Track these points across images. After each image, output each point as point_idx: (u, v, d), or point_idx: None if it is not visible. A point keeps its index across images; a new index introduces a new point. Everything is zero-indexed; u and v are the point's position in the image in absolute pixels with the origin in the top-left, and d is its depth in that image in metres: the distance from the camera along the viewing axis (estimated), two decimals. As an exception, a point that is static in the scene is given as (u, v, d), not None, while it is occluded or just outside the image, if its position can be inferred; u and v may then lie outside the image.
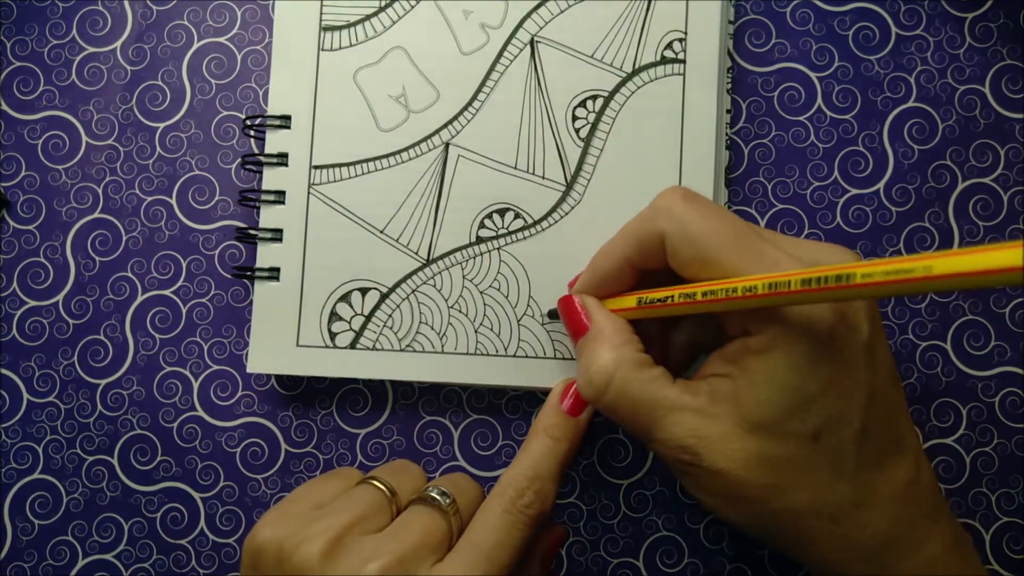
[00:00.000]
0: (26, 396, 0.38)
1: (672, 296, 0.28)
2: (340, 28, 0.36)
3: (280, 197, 0.36)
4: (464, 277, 0.36)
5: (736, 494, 0.27)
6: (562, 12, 0.36)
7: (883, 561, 0.27)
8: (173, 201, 0.38)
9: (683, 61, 0.36)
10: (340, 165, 0.36)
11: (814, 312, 0.26)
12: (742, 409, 0.27)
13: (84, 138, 0.38)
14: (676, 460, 0.28)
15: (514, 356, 0.35)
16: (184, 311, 0.38)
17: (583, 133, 0.36)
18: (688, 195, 0.29)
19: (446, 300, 0.36)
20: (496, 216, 0.36)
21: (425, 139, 0.36)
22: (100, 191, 0.38)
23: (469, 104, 0.36)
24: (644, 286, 0.31)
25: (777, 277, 0.25)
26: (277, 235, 0.36)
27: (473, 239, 0.36)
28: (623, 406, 0.29)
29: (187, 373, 0.38)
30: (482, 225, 0.36)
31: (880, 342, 0.28)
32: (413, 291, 0.36)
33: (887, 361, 0.28)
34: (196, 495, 0.37)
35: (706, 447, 0.27)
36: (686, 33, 0.36)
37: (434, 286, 0.36)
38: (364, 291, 0.36)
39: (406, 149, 0.36)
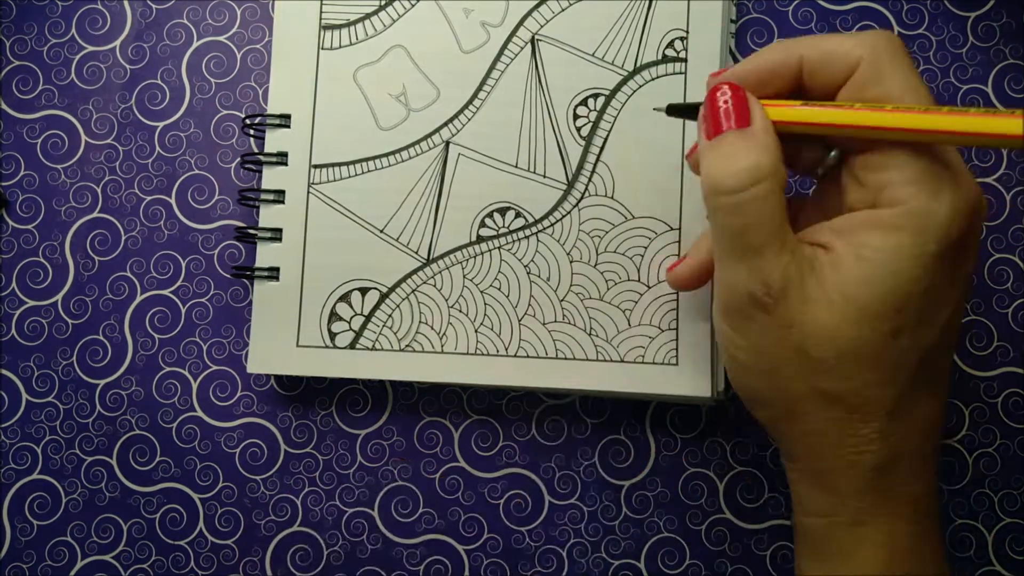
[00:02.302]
0: (25, 396, 0.38)
1: (853, 104, 0.26)
2: (340, 27, 0.36)
3: (280, 196, 0.36)
4: (464, 276, 0.36)
5: (784, 360, 0.26)
6: (563, 10, 0.36)
7: (881, 480, 0.27)
8: (172, 200, 0.38)
9: (684, 60, 0.35)
10: (340, 164, 0.36)
11: (957, 216, 0.25)
12: (840, 283, 0.25)
13: (83, 137, 0.38)
14: (749, 296, 0.26)
15: (515, 356, 0.35)
16: (183, 311, 0.38)
17: (584, 132, 0.36)
18: (904, 47, 0.26)
19: (446, 300, 0.36)
20: (497, 215, 0.36)
21: (425, 138, 0.36)
22: (99, 190, 0.38)
23: (469, 103, 0.36)
24: None
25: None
26: (276, 235, 0.36)
27: (473, 238, 0.36)
28: (750, 214, 0.26)
29: (186, 373, 0.38)
30: (483, 224, 0.36)
31: (971, 280, 0.28)
32: (413, 291, 0.36)
33: (966, 300, 0.28)
34: (195, 496, 0.37)
35: (789, 299, 0.25)
36: (687, 32, 0.36)
37: (434, 286, 0.36)
38: (364, 291, 0.36)
39: (406, 148, 0.36)
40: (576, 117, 0.36)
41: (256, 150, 0.38)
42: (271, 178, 0.36)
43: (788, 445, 0.28)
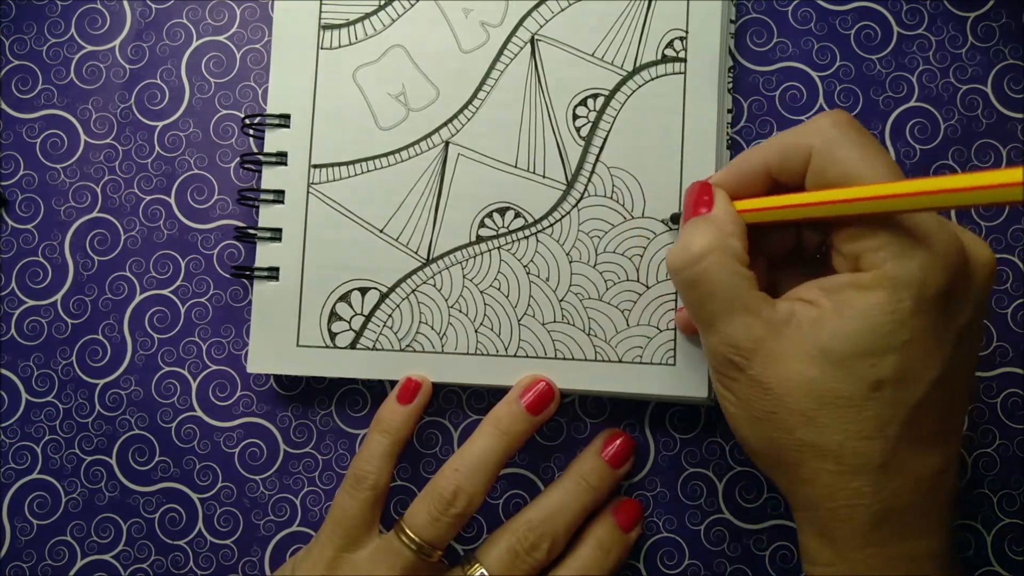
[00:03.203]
0: (25, 396, 0.38)
1: (809, 191, 0.28)
2: (339, 26, 0.36)
3: (279, 196, 0.36)
4: (464, 276, 0.36)
5: (767, 412, 0.27)
6: (562, 10, 0.36)
7: (877, 533, 0.27)
8: (172, 200, 0.38)
9: (684, 60, 0.35)
10: (339, 164, 0.36)
11: (931, 273, 0.26)
12: (818, 336, 0.26)
13: (83, 137, 0.38)
14: (724, 359, 0.28)
15: (514, 356, 0.35)
16: (183, 311, 0.38)
17: (584, 132, 0.36)
18: (851, 122, 0.28)
19: (446, 300, 0.36)
20: (496, 215, 0.36)
21: (425, 138, 0.36)
22: (99, 190, 0.38)
23: (469, 102, 0.36)
24: None
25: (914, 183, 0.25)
26: (276, 234, 0.36)
27: (473, 238, 0.36)
28: (703, 286, 0.28)
29: (185, 373, 0.38)
30: (482, 224, 0.36)
31: (976, 335, 0.28)
32: (413, 291, 0.36)
33: (972, 355, 0.28)
34: (194, 496, 0.37)
35: (761, 357, 0.27)
36: (687, 32, 0.36)
37: (434, 286, 0.36)
38: (364, 291, 0.36)
39: (406, 148, 0.36)
40: (576, 117, 0.36)
41: (256, 150, 0.38)
42: (271, 178, 0.36)
43: (788, 495, 0.29)
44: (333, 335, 0.36)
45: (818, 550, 0.29)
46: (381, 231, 0.36)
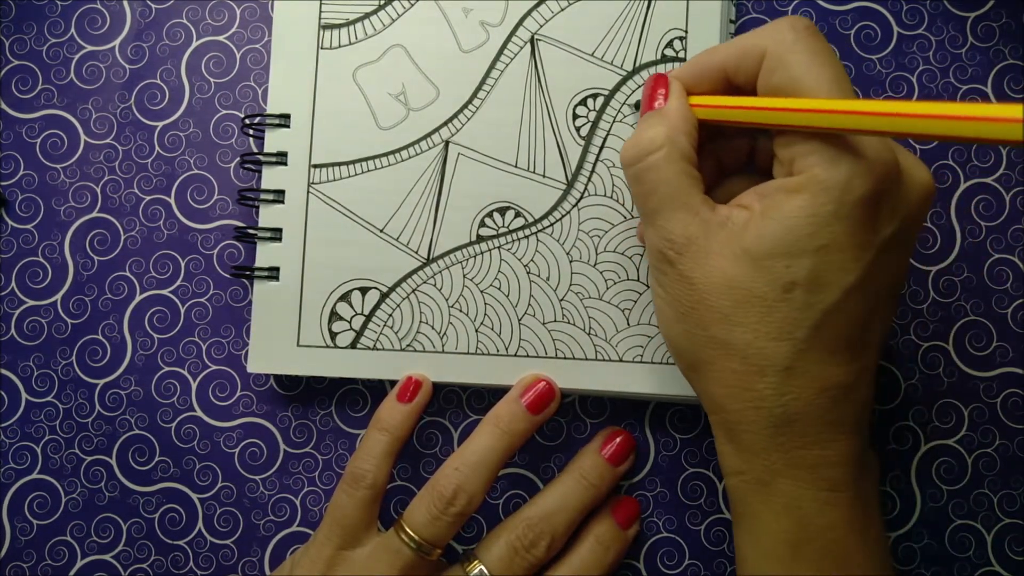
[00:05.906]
0: (24, 396, 0.38)
1: (758, 97, 0.28)
2: (339, 26, 0.36)
3: (279, 196, 0.36)
4: (464, 276, 0.36)
5: (689, 308, 0.28)
6: (562, 10, 0.36)
7: (779, 438, 0.27)
8: (172, 200, 0.38)
9: (684, 60, 0.35)
10: (339, 164, 0.36)
11: (855, 179, 0.26)
12: (743, 236, 0.27)
13: (83, 137, 0.38)
14: (659, 253, 0.29)
15: (515, 356, 0.35)
16: (183, 311, 0.38)
17: (584, 131, 0.36)
18: (809, 28, 0.28)
19: (446, 299, 0.36)
20: (496, 215, 0.36)
21: (425, 137, 0.36)
22: (99, 190, 0.38)
23: (469, 102, 0.36)
24: None
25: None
26: (276, 234, 0.36)
27: (473, 238, 0.36)
28: (648, 181, 0.29)
29: (185, 373, 0.38)
30: (482, 224, 0.36)
31: (903, 250, 0.28)
32: (413, 290, 0.36)
33: (896, 271, 0.28)
34: (194, 496, 0.37)
35: (690, 252, 0.28)
36: (687, 32, 0.36)
37: (434, 285, 0.36)
38: (364, 290, 0.36)
39: (406, 147, 0.36)
40: (575, 117, 0.36)
41: (256, 150, 0.38)
42: (271, 178, 0.36)
43: (701, 397, 0.30)
44: (333, 335, 0.36)
45: (729, 456, 0.29)
46: (381, 231, 0.36)
